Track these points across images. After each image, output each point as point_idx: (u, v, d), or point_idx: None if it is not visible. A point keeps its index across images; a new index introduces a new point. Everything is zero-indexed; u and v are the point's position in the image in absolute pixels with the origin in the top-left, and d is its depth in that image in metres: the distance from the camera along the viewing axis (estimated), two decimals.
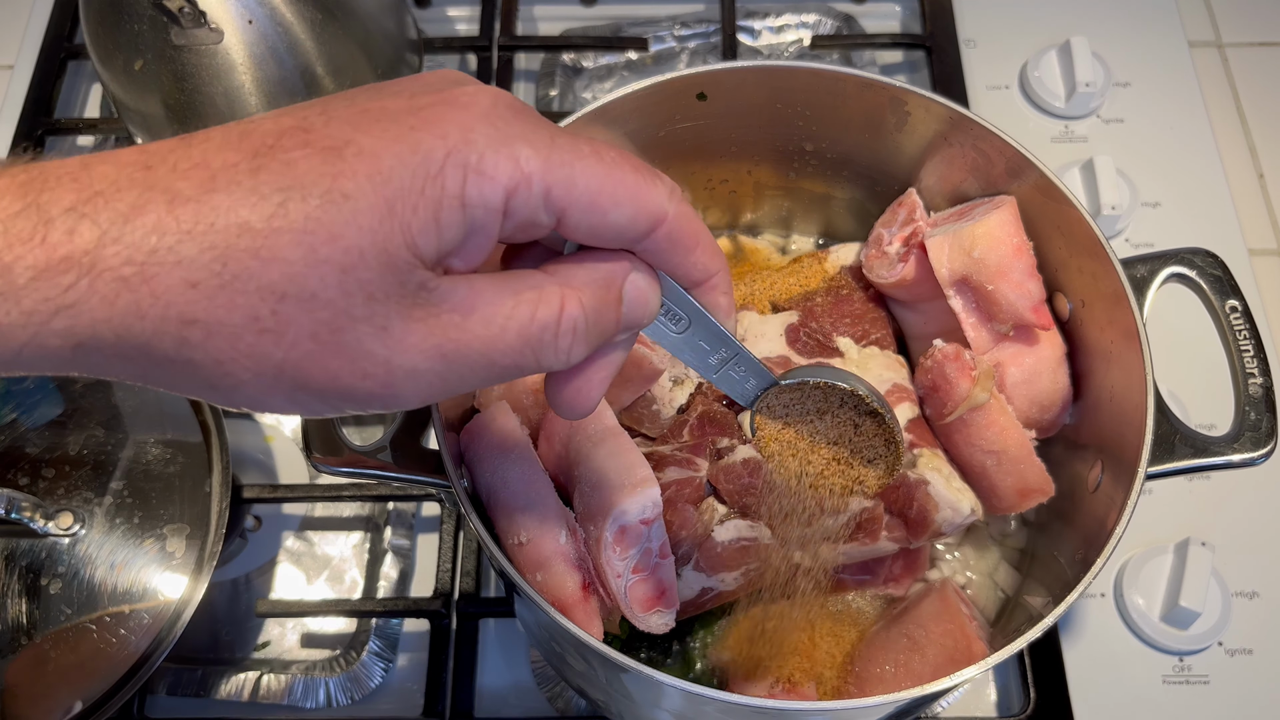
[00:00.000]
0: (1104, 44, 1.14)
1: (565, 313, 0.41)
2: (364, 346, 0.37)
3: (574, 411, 0.46)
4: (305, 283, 0.35)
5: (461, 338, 0.38)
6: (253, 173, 0.35)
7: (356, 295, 0.36)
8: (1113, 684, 0.85)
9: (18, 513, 0.74)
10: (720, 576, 0.72)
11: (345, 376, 0.37)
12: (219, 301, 0.34)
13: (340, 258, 0.35)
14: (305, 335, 0.36)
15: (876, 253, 0.82)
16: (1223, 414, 0.73)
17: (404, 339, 0.37)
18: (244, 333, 0.35)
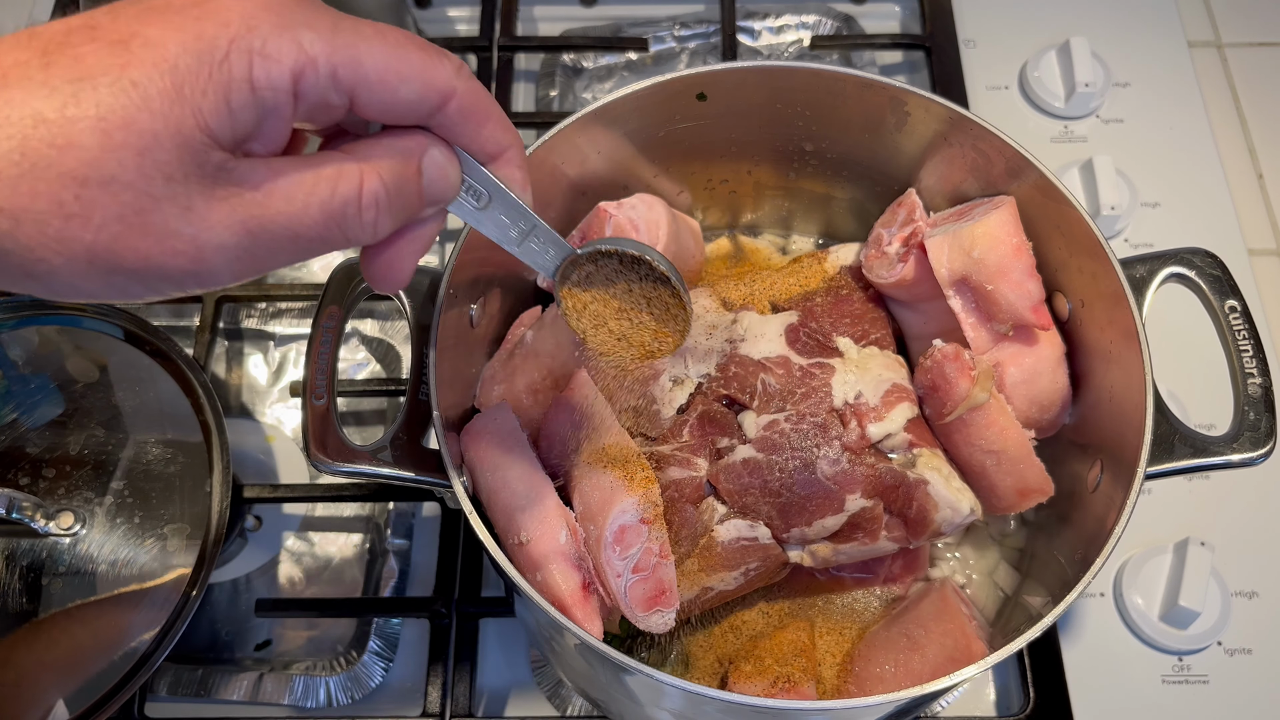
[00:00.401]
0: (1103, 44, 1.15)
1: (365, 187, 0.43)
2: (170, 225, 0.38)
3: (386, 284, 0.48)
4: (104, 167, 0.37)
5: (265, 214, 0.40)
6: (44, 68, 0.36)
7: (156, 177, 0.37)
8: (1112, 683, 0.85)
9: (18, 512, 0.74)
10: (720, 576, 0.72)
11: (156, 255, 0.39)
12: (22, 189, 0.36)
13: (135, 141, 0.37)
14: (111, 218, 0.37)
15: (876, 253, 0.82)
16: (1222, 414, 0.73)
17: (208, 216, 0.39)
18: (51, 218, 0.37)
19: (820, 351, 0.77)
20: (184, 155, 0.38)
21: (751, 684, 0.72)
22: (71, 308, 0.85)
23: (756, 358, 0.76)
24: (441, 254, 1.06)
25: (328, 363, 0.71)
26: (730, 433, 0.74)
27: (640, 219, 0.79)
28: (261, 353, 1.03)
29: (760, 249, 0.96)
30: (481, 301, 0.79)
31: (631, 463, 0.69)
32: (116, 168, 0.37)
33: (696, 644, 0.79)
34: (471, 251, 0.73)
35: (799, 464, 0.72)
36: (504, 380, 0.78)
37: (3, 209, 0.36)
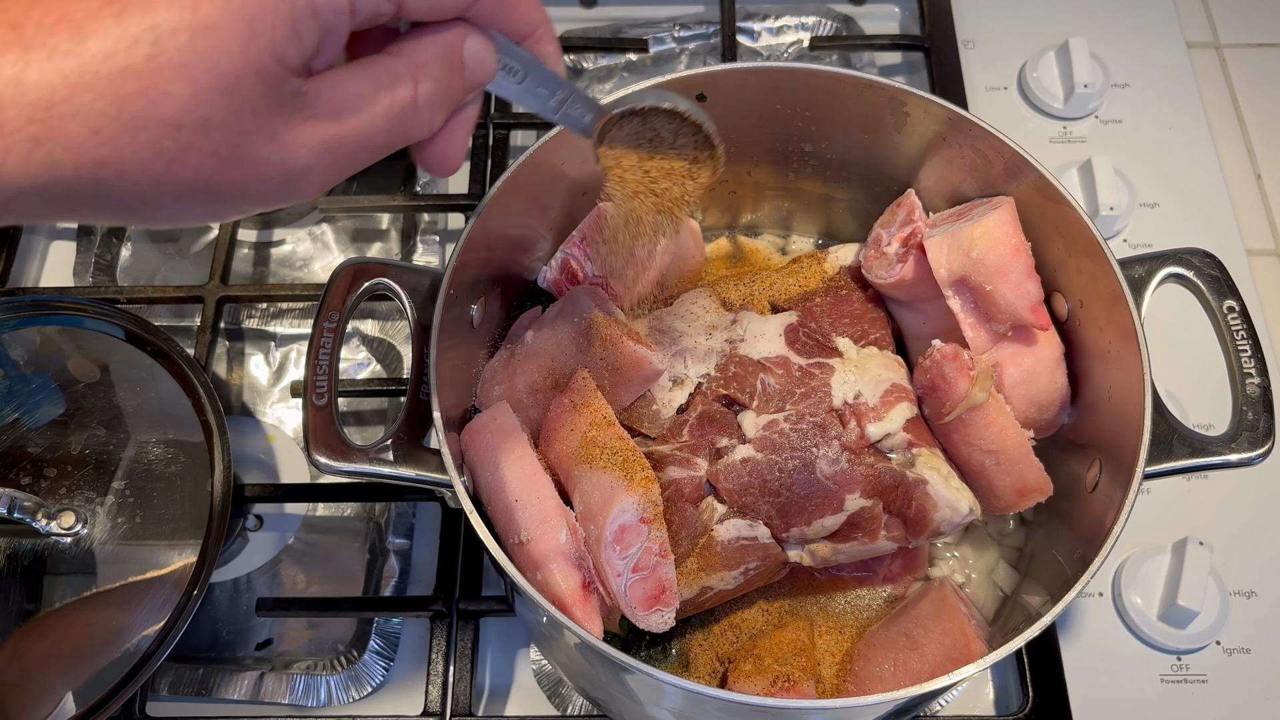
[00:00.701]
0: (1102, 45, 1.15)
1: (419, 90, 0.46)
2: (260, 155, 0.41)
3: (445, 169, 0.51)
4: (196, 111, 0.39)
5: (340, 131, 0.43)
6: (117, 17, 0.37)
7: (244, 112, 0.40)
8: (1111, 683, 0.86)
9: (20, 512, 0.74)
10: (720, 575, 0.73)
11: (250, 183, 0.42)
12: (123, 141, 0.38)
13: (220, 83, 0.39)
14: (207, 155, 0.40)
15: (875, 253, 0.82)
16: (1220, 414, 0.73)
17: (293, 142, 0.42)
18: (152, 164, 0.39)
19: (820, 351, 0.77)
20: (265, 88, 0.40)
21: (751, 683, 0.72)
22: (73, 308, 0.85)
23: (756, 358, 0.76)
24: (441, 254, 1.07)
25: (329, 363, 0.71)
26: (730, 432, 0.75)
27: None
28: (262, 353, 1.03)
29: (760, 249, 0.96)
30: (481, 301, 0.79)
31: (631, 462, 0.69)
32: (208, 110, 0.39)
33: (696, 643, 0.79)
34: (472, 252, 0.73)
35: (798, 464, 0.72)
36: (504, 380, 0.79)
37: (107, 161, 0.38)
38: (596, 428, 0.71)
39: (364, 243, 1.10)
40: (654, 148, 0.63)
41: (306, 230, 1.10)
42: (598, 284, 0.81)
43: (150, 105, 0.38)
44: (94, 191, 0.39)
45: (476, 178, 1.06)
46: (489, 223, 0.74)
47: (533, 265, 0.85)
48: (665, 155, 0.64)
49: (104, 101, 0.37)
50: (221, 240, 1.01)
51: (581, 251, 0.82)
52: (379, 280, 0.74)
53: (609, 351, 0.73)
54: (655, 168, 0.64)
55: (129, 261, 1.08)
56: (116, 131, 0.38)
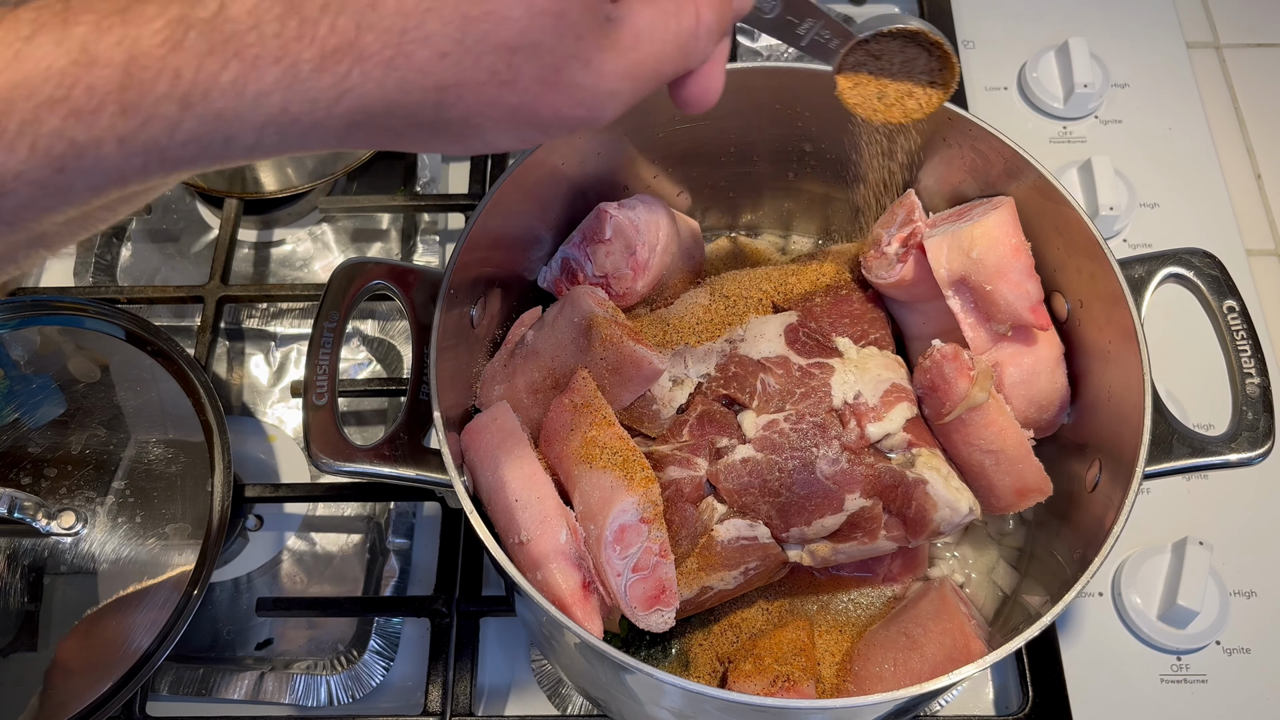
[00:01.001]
0: (1102, 45, 1.15)
1: (701, 19, 0.46)
2: (576, 80, 0.42)
3: (705, 102, 0.51)
4: (530, 34, 0.40)
5: (638, 58, 0.44)
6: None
7: (568, 36, 0.41)
8: (1110, 683, 0.86)
9: (20, 512, 0.74)
10: (720, 575, 0.73)
11: (563, 108, 0.43)
12: (466, 65, 0.39)
13: (553, 7, 0.40)
14: (534, 80, 0.41)
15: (875, 253, 0.82)
16: (1220, 414, 0.73)
17: (602, 68, 0.43)
18: (486, 87, 0.40)
19: (820, 351, 0.77)
20: (586, 13, 0.41)
21: (751, 683, 0.72)
22: (73, 308, 0.85)
23: (756, 358, 0.77)
24: (441, 254, 1.07)
25: (329, 363, 0.71)
26: (730, 432, 0.75)
27: (640, 219, 0.80)
28: (263, 353, 1.03)
29: (760, 249, 0.96)
30: (481, 301, 0.79)
31: (631, 462, 0.69)
32: (539, 33, 0.40)
33: (696, 643, 0.79)
34: (472, 252, 0.73)
35: (798, 464, 0.72)
36: (504, 380, 0.79)
37: (450, 84, 0.39)
38: (596, 428, 0.71)
39: (364, 243, 1.10)
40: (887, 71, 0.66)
41: (306, 230, 1.10)
42: (598, 284, 0.81)
43: (491, 29, 0.39)
44: (432, 115, 0.40)
45: (476, 178, 1.06)
46: (489, 223, 0.74)
47: (533, 265, 0.85)
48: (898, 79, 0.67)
49: (451, 26, 0.38)
50: (221, 240, 1.01)
51: (581, 251, 0.82)
52: (379, 280, 0.74)
53: (609, 351, 0.73)
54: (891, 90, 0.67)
55: (129, 261, 1.08)
56: (460, 56, 0.39)
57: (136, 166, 0.37)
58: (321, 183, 1.06)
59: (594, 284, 0.81)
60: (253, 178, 1.04)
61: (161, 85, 0.36)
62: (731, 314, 0.81)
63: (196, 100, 0.36)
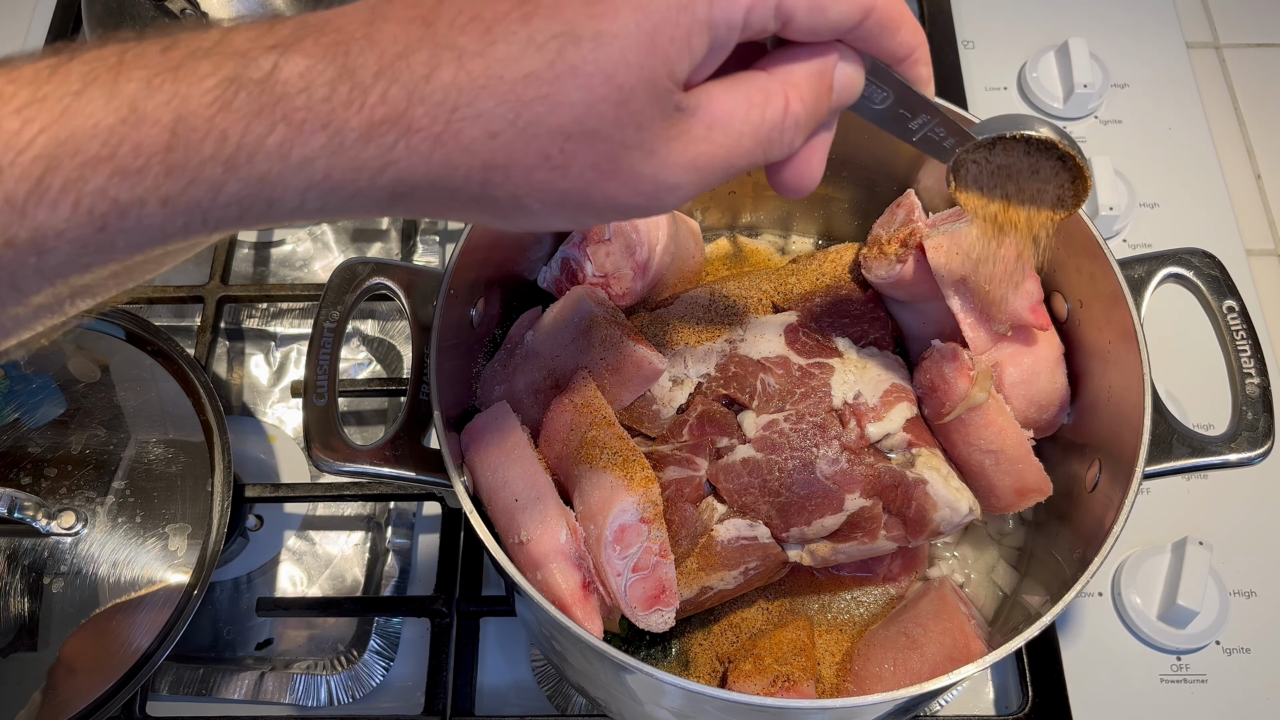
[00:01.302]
0: (1102, 45, 1.15)
1: (789, 111, 0.44)
2: (636, 169, 0.41)
3: (800, 190, 0.49)
4: (588, 122, 0.39)
5: (709, 149, 0.42)
6: (524, 20, 0.38)
7: (629, 126, 0.39)
8: (1110, 682, 0.86)
9: (20, 512, 0.74)
10: (720, 575, 0.73)
11: (619, 196, 0.41)
12: (516, 147, 0.38)
13: (615, 95, 0.38)
14: (588, 167, 0.40)
15: (875, 253, 0.82)
16: (1220, 414, 0.73)
17: (667, 158, 0.41)
18: (536, 171, 0.39)
19: (819, 351, 0.77)
20: (652, 103, 0.40)
21: (751, 683, 0.72)
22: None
23: (756, 358, 0.77)
24: (441, 254, 1.07)
25: (329, 363, 0.71)
26: (730, 432, 0.75)
27: (640, 219, 0.80)
28: (263, 353, 1.03)
29: (760, 249, 0.96)
30: (481, 301, 0.79)
31: (631, 462, 0.69)
32: (598, 121, 0.39)
33: (696, 643, 0.79)
34: (472, 252, 0.73)
35: (798, 464, 0.72)
36: (504, 380, 0.79)
37: (499, 165, 0.39)
38: (596, 428, 0.71)
39: (364, 243, 1.10)
40: (1009, 178, 0.61)
41: (306, 230, 1.10)
42: (598, 284, 0.81)
43: (546, 112, 0.38)
44: (478, 192, 0.39)
45: None
46: None
47: (533, 265, 0.85)
48: (1021, 197, 0.61)
49: (504, 106, 0.37)
50: (221, 240, 1.01)
51: (581, 251, 0.82)
52: (379, 280, 0.74)
53: (609, 351, 0.73)
54: (1011, 213, 0.62)
55: None
56: (511, 137, 0.38)
57: (179, 226, 0.37)
58: None
59: (594, 284, 0.81)
60: None
61: (208, 147, 0.35)
62: (731, 314, 0.81)
63: (241, 163, 0.36)
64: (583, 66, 0.38)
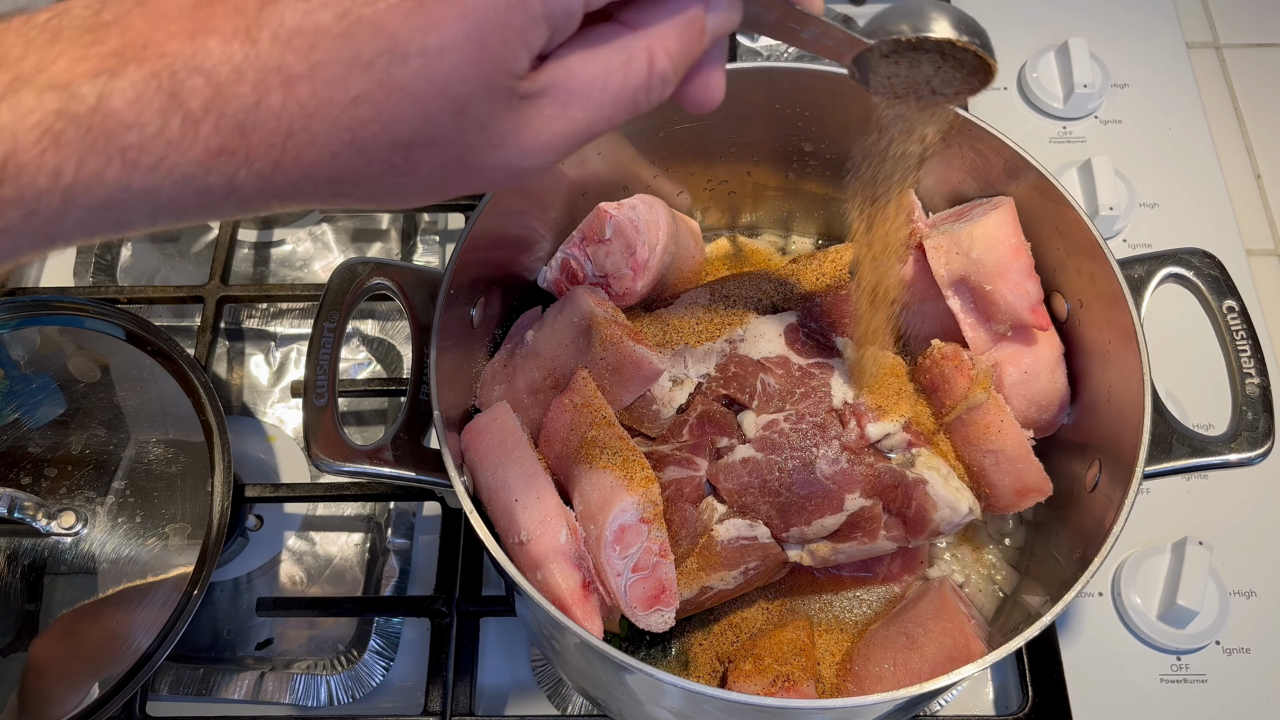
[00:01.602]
0: (1102, 45, 1.15)
1: (654, 71, 0.43)
2: (486, 163, 0.41)
3: (704, 107, 0.48)
4: (427, 133, 0.39)
5: (566, 126, 0.42)
6: (347, 36, 0.37)
7: (472, 129, 0.39)
8: (1110, 682, 0.86)
9: (20, 512, 0.74)
10: (720, 575, 0.73)
11: (477, 185, 0.42)
12: (359, 163, 0.39)
13: (451, 106, 0.38)
14: (436, 169, 0.40)
15: None
16: (1220, 414, 0.73)
17: (518, 146, 0.41)
18: (384, 179, 0.40)
19: (819, 351, 0.77)
20: (493, 103, 0.39)
21: (751, 682, 0.72)
22: (73, 308, 0.85)
23: (756, 358, 0.77)
24: (441, 254, 1.07)
25: (329, 363, 0.71)
26: (730, 432, 0.75)
27: (640, 219, 0.80)
28: (263, 353, 1.03)
29: (760, 249, 0.96)
30: (481, 301, 0.79)
31: (631, 462, 0.69)
32: (438, 131, 0.39)
33: (696, 643, 0.79)
34: (472, 252, 0.73)
35: (798, 464, 0.72)
36: (504, 380, 0.79)
37: (343, 179, 0.39)
38: (596, 428, 0.71)
39: (364, 243, 1.10)
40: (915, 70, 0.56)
41: (306, 230, 1.10)
42: (598, 284, 0.81)
43: (381, 130, 0.38)
44: (331, 199, 0.40)
45: None
46: (489, 223, 0.74)
47: (533, 265, 0.85)
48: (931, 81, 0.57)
49: (338, 129, 0.37)
50: (222, 240, 1.01)
51: (581, 251, 0.82)
52: (379, 280, 0.74)
53: (609, 351, 0.73)
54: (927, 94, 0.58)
55: (129, 261, 1.08)
56: (351, 155, 0.38)
57: (25, 247, 0.37)
58: None
59: (594, 284, 0.81)
60: None
61: (42, 180, 0.35)
62: (731, 314, 0.81)
63: (79, 194, 0.35)
64: (412, 84, 0.37)
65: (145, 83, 0.35)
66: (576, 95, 0.41)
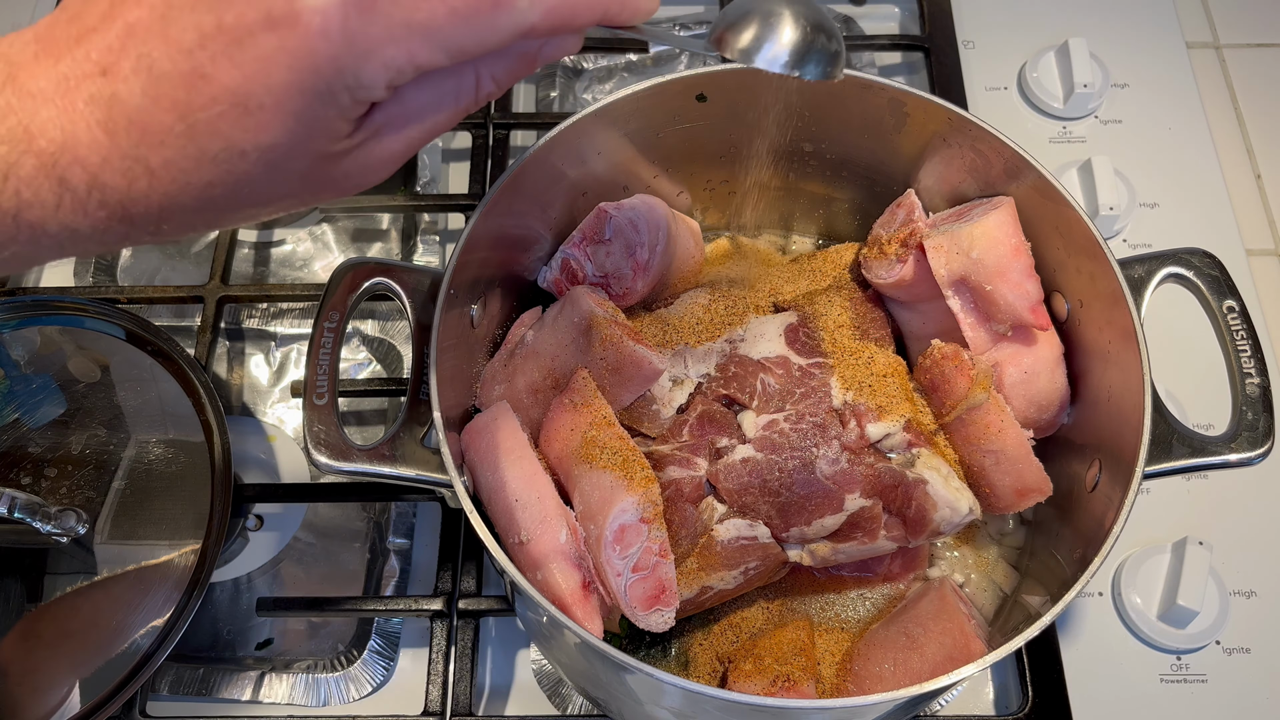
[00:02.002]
0: (1102, 45, 1.15)
1: (481, 93, 0.47)
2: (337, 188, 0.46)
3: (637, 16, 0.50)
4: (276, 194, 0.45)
5: (401, 145, 0.46)
6: (190, 137, 0.41)
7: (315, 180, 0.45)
8: (1110, 682, 0.86)
9: (20, 512, 0.74)
10: (720, 575, 0.73)
11: (333, 197, 0.47)
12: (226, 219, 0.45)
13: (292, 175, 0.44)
14: (295, 204, 0.46)
15: (875, 253, 0.82)
16: (1220, 414, 0.73)
17: (362, 170, 0.46)
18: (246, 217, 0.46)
19: (819, 352, 0.77)
20: (329, 161, 0.45)
21: (751, 683, 0.72)
22: (73, 308, 0.85)
23: (756, 358, 0.77)
24: (441, 254, 1.07)
25: (329, 363, 0.71)
26: (730, 432, 0.75)
27: (640, 219, 0.80)
28: (263, 353, 1.03)
29: (760, 249, 0.96)
30: (482, 301, 0.79)
31: (631, 462, 0.69)
32: (286, 190, 0.45)
33: (696, 643, 0.79)
34: (472, 252, 0.73)
35: (798, 463, 0.72)
36: (504, 380, 0.79)
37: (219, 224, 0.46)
38: (596, 428, 0.71)
39: (364, 243, 1.10)
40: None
41: (306, 230, 1.10)
42: (598, 284, 0.81)
43: (237, 201, 0.44)
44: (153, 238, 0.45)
45: (476, 178, 1.06)
46: (489, 223, 0.74)
47: (533, 265, 0.85)
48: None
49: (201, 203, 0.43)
50: (222, 240, 1.01)
51: (581, 251, 0.82)
52: (379, 280, 0.74)
53: (609, 351, 0.73)
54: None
55: (129, 261, 1.08)
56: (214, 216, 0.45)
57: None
58: None
59: (594, 284, 0.81)
60: None
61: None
62: (731, 314, 0.81)
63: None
64: (254, 171, 0.43)
65: (40, 171, 0.41)
66: (411, 120, 0.46)
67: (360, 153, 0.45)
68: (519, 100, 1.16)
